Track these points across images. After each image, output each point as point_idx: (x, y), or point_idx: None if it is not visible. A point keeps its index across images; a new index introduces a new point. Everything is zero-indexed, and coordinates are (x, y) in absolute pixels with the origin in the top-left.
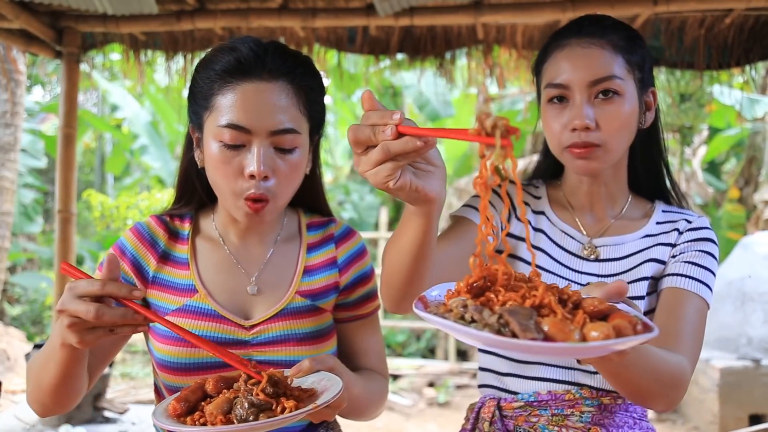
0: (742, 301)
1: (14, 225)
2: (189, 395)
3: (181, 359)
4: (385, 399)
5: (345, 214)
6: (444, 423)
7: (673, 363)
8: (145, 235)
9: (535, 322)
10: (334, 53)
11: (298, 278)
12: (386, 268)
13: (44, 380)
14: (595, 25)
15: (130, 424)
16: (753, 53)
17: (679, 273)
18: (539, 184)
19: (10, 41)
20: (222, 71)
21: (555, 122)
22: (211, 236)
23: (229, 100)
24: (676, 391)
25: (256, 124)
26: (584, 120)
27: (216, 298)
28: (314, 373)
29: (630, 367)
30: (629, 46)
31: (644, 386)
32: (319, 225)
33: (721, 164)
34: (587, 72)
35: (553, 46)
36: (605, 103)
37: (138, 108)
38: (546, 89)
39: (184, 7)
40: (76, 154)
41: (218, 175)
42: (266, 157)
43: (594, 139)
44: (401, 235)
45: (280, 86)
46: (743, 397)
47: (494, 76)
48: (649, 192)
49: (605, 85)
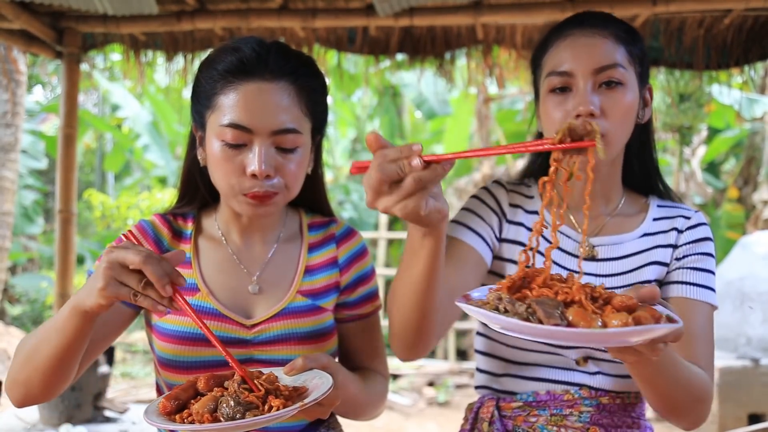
0: (742, 301)
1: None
2: (180, 393)
3: (182, 357)
4: (385, 398)
5: (345, 214)
6: (444, 422)
7: (700, 376)
8: (150, 233)
9: (561, 312)
10: (334, 53)
11: (299, 278)
12: (398, 310)
13: (39, 356)
14: (597, 18)
15: (130, 424)
16: (752, 53)
17: (685, 281)
18: (531, 183)
19: (11, 41)
20: (225, 71)
21: (557, 110)
22: (213, 235)
23: (231, 100)
24: (702, 405)
25: (257, 124)
26: (589, 106)
27: (217, 296)
28: (308, 371)
29: (664, 375)
30: (631, 39)
31: (676, 398)
32: (320, 225)
33: (721, 164)
34: (591, 59)
35: (554, 37)
36: (609, 91)
37: (138, 108)
38: (548, 78)
39: (185, 8)
40: (76, 154)
41: (220, 174)
42: (268, 156)
43: (600, 127)
44: (411, 266)
45: (282, 86)
46: (742, 397)
47: (494, 76)
48: (642, 187)
49: (610, 73)
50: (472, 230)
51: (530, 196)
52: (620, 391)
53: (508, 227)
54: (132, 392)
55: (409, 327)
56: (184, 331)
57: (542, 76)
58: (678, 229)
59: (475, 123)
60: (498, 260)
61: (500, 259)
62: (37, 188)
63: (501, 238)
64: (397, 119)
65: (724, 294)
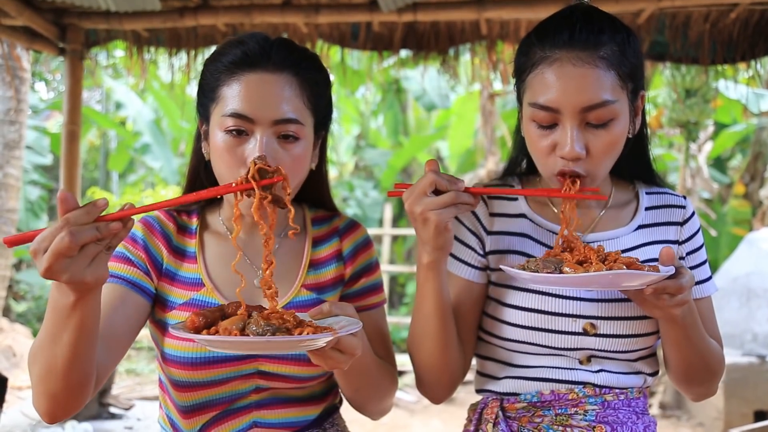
0: (748, 297)
1: (20, 221)
2: (208, 313)
3: (189, 354)
4: (394, 387)
5: (349, 210)
6: (448, 419)
7: (718, 350)
8: (156, 227)
9: (558, 267)
10: (337, 49)
11: (303, 271)
12: (418, 350)
13: (57, 359)
14: (587, 31)
15: (135, 420)
16: (758, 48)
17: None
18: (513, 182)
19: (14, 38)
20: (229, 63)
21: (540, 143)
22: (218, 231)
23: (234, 91)
24: (716, 378)
25: (259, 113)
26: (575, 151)
27: (222, 292)
28: (333, 317)
29: (691, 340)
30: (622, 57)
31: (696, 366)
32: (323, 219)
33: (727, 160)
34: (580, 96)
35: (540, 56)
36: (597, 130)
37: (141, 105)
38: (531, 108)
39: (187, 4)
40: (80, 152)
41: (222, 164)
42: (269, 146)
43: (582, 170)
44: (423, 301)
45: (284, 77)
46: (748, 394)
47: (498, 71)
48: (628, 172)
49: (599, 113)
50: (456, 258)
51: (513, 198)
52: (624, 387)
53: (491, 239)
54: (137, 389)
55: (434, 365)
56: (192, 357)
57: (524, 95)
58: (676, 223)
59: (480, 119)
60: (491, 271)
61: (492, 270)
62: (42, 184)
63: (486, 252)
64: (401, 115)
65: (730, 290)
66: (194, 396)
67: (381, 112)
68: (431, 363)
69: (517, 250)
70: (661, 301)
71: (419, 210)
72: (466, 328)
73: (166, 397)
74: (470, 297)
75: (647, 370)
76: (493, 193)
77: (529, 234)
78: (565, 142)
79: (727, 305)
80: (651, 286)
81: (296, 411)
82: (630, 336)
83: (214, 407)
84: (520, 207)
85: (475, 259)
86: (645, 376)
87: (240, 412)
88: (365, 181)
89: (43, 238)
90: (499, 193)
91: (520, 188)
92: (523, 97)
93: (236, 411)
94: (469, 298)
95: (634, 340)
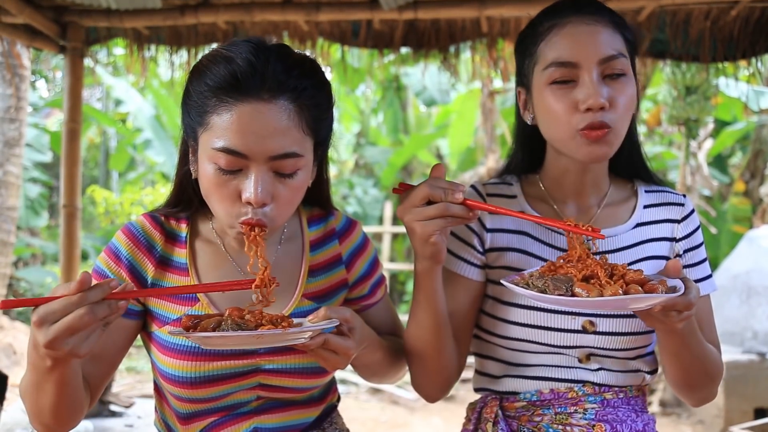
0: (748, 295)
1: (20, 218)
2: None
3: (187, 373)
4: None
5: (349, 208)
6: (449, 417)
7: (716, 355)
8: (140, 239)
9: (569, 286)
10: (337, 47)
11: (303, 280)
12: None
13: (43, 403)
14: (592, 4)
15: (135, 418)
16: (759, 45)
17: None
18: (512, 180)
19: (14, 36)
20: (216, 88)
21: (561, 103)
22: (209, 239)
23: (224, 121)
24: (714, 383)
25: (254, 149)
26: (599, 99)
27: (219, 307)
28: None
29: (689, 348)
30: (625, 25)
31: (694, 373)
32: (319, 219)
33: (727, 157)
34: (596, 49)
35: (549, 25)
36: (614, 83)
37: (141, 102)
38: (548, 70)
39: (188, 2)
40: (80, 149)
41: (214, 198)
42: (264, 183)
43: (608, 119)
44: (418, 307)
45: (280, 106)
46: (748, 391)
47: (498, 69)
48: (625, 170)
49: (615, 63)
50: (456, 256)
51: (512, 195)
52: (623, 385)
53: (490, 236)
54: (137, 387)
55: (427, 367)
56: (191, 376)
57: (537, 68)
58: (674, 220)
59: (480, 117)
60: (490, 269)
61: (491, 267)
62: (42, 181)
63: (486, 249)
64: (401, 113)
65: (731, 288)
66: (194, 406)
67: (381, 110)
68: (425, 365)
69: (515, 248)
70: (669, 318)
71: (406, 219)
72: (462, 327)
73: (162, 402)
74: (469, 295)
75: (646, 368)
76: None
77: (527, 231)
78: (589, 93)
79: (728, 303)
80: (660, 304)
81: (296, 414)
82: (629, 333)
83: (214, 414)
84: (519, 204)
85: (475, 257)
86: (644, 374)
87: (240, 417)
88: (365, 179)
89: (53, 311)
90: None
91: (519, 186)
92: (534, 74)
93: (237, 417)
94: (468, 296)
95: (633, 337)
